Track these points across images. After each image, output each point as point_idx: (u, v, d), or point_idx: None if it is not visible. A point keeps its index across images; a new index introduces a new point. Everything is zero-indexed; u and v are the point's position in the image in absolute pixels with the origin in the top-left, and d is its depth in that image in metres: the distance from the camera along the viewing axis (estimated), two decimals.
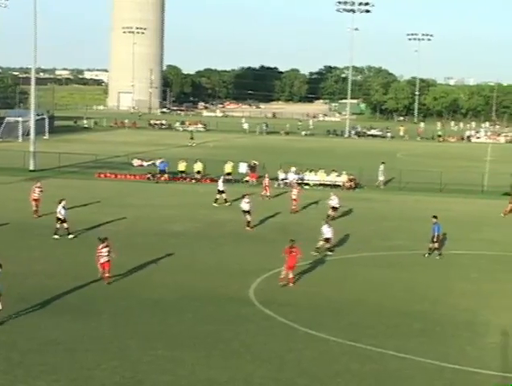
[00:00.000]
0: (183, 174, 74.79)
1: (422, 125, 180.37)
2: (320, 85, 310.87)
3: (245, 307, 32.62)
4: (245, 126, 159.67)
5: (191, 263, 40.18)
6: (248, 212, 49.38)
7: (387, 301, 34.47)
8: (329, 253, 42.73)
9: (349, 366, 26.30)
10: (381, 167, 76.13)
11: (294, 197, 57.50)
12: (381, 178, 75.82)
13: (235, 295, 34.35)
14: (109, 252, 34.34)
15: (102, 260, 34.27)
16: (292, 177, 71.21)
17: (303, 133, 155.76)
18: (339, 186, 72.32)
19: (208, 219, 53.00)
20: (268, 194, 63.46)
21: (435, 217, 43.71)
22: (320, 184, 72.96)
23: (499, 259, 44.08)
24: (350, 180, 73.57)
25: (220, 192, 59.77)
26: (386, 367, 26.32)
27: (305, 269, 39.11)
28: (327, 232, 42.19)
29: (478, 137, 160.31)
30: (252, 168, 75.41)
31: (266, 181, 64.53)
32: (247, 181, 73.34)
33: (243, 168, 76.70)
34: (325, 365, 26.22)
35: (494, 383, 15.26)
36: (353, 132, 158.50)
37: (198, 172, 74.46)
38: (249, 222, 49.41)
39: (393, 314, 32.33)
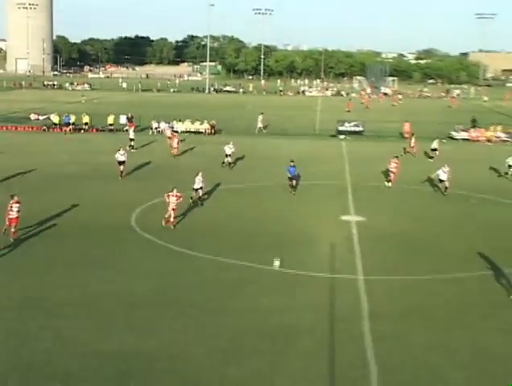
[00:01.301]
0: (73, 125, 72.80)
1: (263, 82, 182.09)
2: (184, 51, 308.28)
3: (128, 233, 32.34)
4: (124, 85, 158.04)
5: (82, 199, 39.21)
6: (123, 163, 46.15)
7: (246, 223, 34.83)
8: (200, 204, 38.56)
9: (215, 275, 26.62)
10: (260, 117, 76.85)
11: (175, 145, 56.05)
12: (259, 125, 76.33)
13: (120, 224, 33.94)
14: (19, 209, 30.07)
15: (11, 215, 29.89)
16: (163, 126, 70.82)
17: (172, 90, 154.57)
18: (202, 132, 72.41)
19: (95, 162, 51.93)
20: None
21: (292, 161, 42.50)
22: (187, 131, 72.85)
23: (330, 187, 45.05)
24: (211, 127, 73.73)
25: (131, 140, 59.04)
26: (243, 274, 26.77)
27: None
28: (198, 181, 38.44)
29: (310, 92, 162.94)
30: (129, 119, 74.78)
31: (169, 132, 64.09)
32: (127, 130, 72.37)
33: (123, 119, 75.97)
34: (195, 276, 26.42)
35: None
36: (212, 88, 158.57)
37: (86, 123, 72.87)
38: (122, 172, 46.14)
39: (249, 234, 32.67)
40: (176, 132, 70.27)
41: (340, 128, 75.89)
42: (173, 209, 33.08)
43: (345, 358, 19.65)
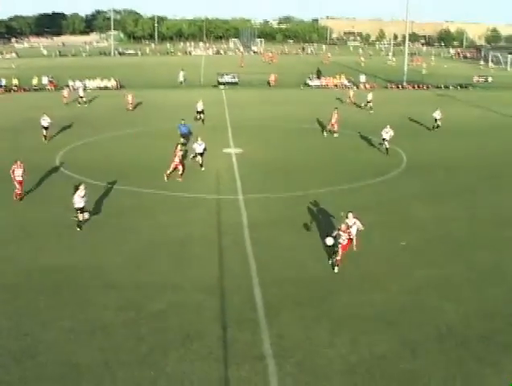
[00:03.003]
0: (5, 87, 68.94)
1: (153, 45, 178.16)
2: (93, 23, 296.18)
3: (51, 171, 31.23)
4: (45, 52, 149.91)
5: (17, 145, 37.50)
6: (46, 128, 39.76)
7: (148, 161, 34.10)
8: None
9: (123, 201, 26.25)
10: (182, 73, 74.37)
11: (130, 101, 52.51)
12: (181, 79, 73.91)
13: (46, 164, 32.55)
14: (23, 172, 26.47)
15: (17, 178, 26.23)
16: (78, 84, 68.22)
17: (84, 54, 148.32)
18: (109, 88, 70.24)
19: (25, 116, 48.84)
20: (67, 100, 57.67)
21: (182, 119, 38.99)
22: (98, 87, 70.51)
23: (214, 126, 44.30)
24: (116, 82, 71.71)
25: (81, 97, 56.86)
26: (144, 199, 26.46)
27: (89, 143, 37.94)
28: (198, 146, 32.23)
29: (196, 52, 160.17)
30: (51, 80, 71.40)
31: (65, 92, 60.72)
32: (48, 89, 69.38)
33: (45, 80, 72.19)
34: (105, 203, 25.84)
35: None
36: (116, 52, 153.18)
37: (15, 85, 69.02)
38: (45, 136, 40.18)
39: (150, 168, 31.78)
40: (89, 89, 68.11)
41: (220, 79, 75.32)
42: (177, 165, 29.21)
43: (231, 258, 19.93)
